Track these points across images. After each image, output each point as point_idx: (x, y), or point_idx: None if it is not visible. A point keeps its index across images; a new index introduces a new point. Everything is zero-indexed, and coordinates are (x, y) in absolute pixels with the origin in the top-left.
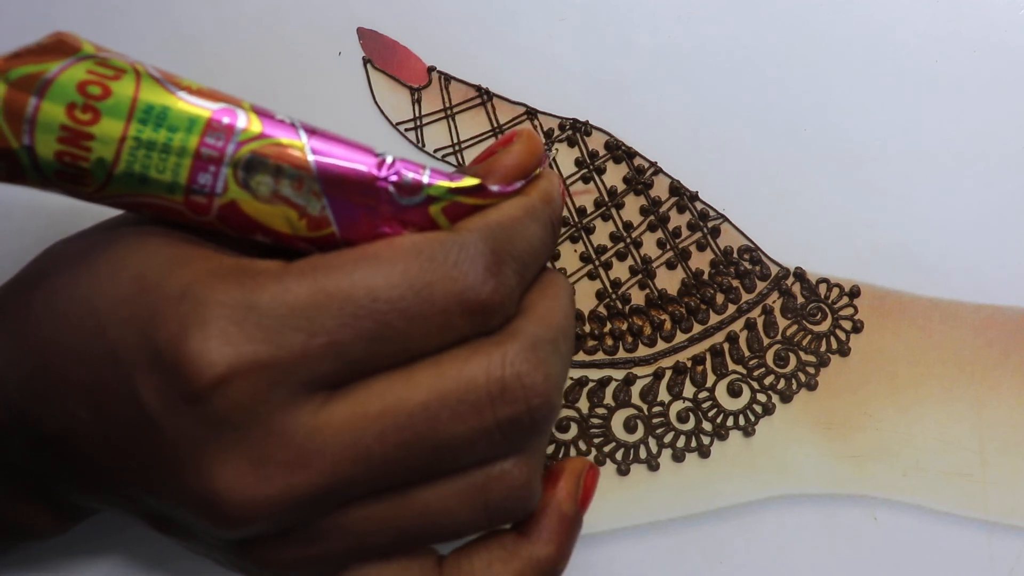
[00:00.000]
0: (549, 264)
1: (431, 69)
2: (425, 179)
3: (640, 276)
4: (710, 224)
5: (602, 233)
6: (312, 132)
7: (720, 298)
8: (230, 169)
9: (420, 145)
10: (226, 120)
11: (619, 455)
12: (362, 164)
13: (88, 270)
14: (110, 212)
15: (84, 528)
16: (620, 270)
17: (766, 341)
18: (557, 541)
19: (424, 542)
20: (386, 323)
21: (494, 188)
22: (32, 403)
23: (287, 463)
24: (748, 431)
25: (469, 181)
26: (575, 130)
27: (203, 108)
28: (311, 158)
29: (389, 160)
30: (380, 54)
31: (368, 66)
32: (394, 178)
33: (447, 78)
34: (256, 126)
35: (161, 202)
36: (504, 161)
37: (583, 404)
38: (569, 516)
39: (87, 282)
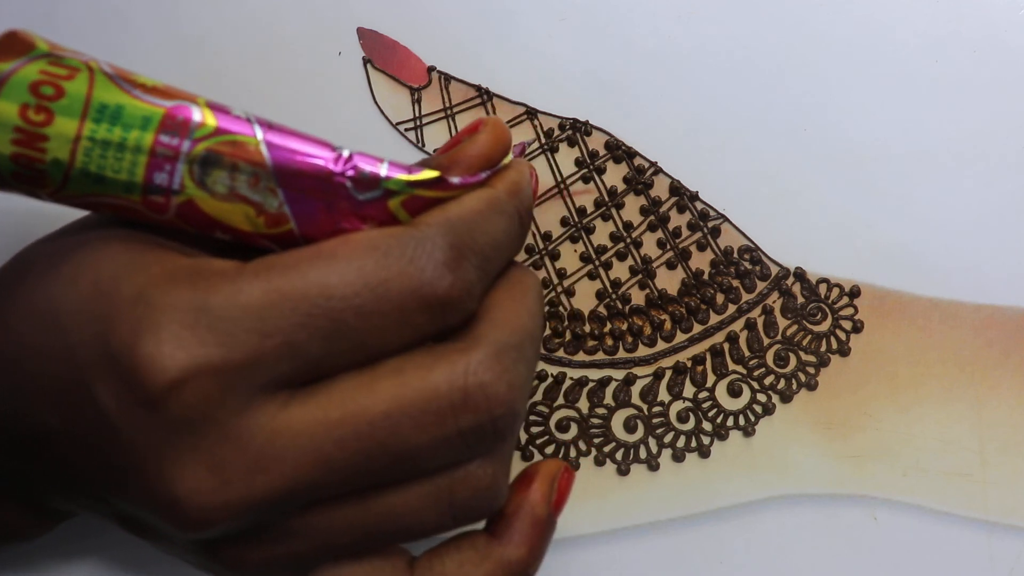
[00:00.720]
0: (548, 262)
1: (431, 69)
2: (382, 172)
3: (640, 276)
4: (710, 224)
5: (602, 233)
6: (268, 127)
7: (720, 298)
8: (186, 167)
9: (420, 145)
10: (181, 117)
11: (619, 455)
12: (319, 159)
13: (53, 273)
14: (83, 213)
15: (76, 527)
16: (620, 270)
17: (766, 341)
18: (529, 544)
19: (391, 542)
20: (341, 321)
21: (455, 180)
22: (4, 405)
23: (246, 468)
24: (748, 431)
25: (428, 174)
26: (575, 130)
27: (157, 105)
28: (266, 154)
29: (346, 154)
30: (380, 54)
31: (368, 66)
32: (351, 172)
33: (447, 78)
34: (211, 122)
35: (119, 202)
36: (467, 151)
37: (583, 404)
38: (542, 518)
39: (51, 285)
